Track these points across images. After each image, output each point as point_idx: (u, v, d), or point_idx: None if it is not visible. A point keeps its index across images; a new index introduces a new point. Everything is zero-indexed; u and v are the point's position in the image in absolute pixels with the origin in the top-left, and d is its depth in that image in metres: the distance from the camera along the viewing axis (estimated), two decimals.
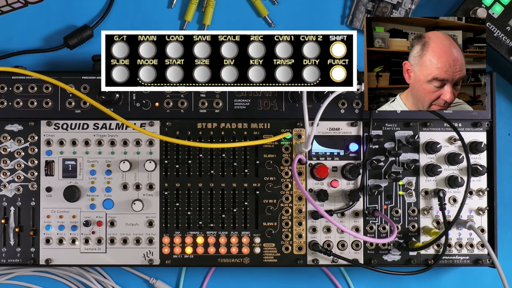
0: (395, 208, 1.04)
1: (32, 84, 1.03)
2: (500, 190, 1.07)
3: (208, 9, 1.12)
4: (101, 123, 1.04)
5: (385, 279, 1.12)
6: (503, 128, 1.14)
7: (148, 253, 1.03)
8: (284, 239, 1.04)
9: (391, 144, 1.04)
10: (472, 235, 1.04)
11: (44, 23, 1.13)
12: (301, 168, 1.04)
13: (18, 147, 1.03)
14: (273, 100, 1.04)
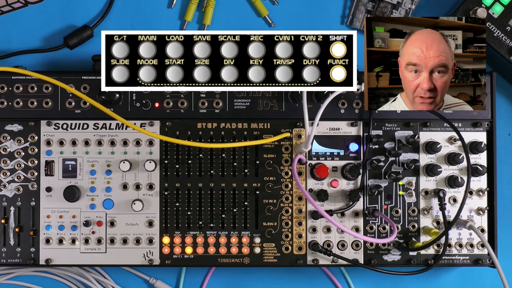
0: (395, 208, 1.04)
1: (32, 84, 1.03)
2: (500, 190, 1.07)
3: (208, 9, 1.12)
4: (101, 123, 1.04)
5: (385, 279, 1.12)
6: (503, 128, 1.14)
7: (148, 253, 1.03)
8: (284, 239, 1.04)
9: (391, 144, 1.04)
10: (472, 235, 1.05)
11: (44, 23, 1.13)
12: (301, 168, 1.04)
13: (18, 147, 1.03)
14: (273, 100, 1.04)
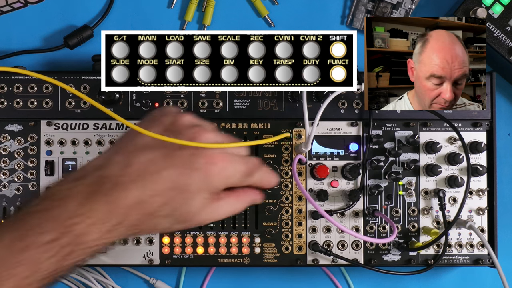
0: (395, 208, 1.04)
1: (32, 84, 1.03)
2: (500, 190, 1.07)
3: (208, 9, 1.12)
4: (101, 123, 1.04)
5: (385, 279, 1.12)
6: (503, 128, 1.14)
7: (148, 253, 1.03)
8: (284, 239, 1.04)
9: (391, 144, 1.04)
10: (472, 235, 1.04)
11: (44, 23, 1.13)
12: (301, 168, 1.04)
13: (18, 147, 1.03)
14: (273, 100, 1.04)
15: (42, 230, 0.73)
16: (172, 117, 0.85)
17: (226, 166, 0.81)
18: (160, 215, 0.79)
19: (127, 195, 0.77)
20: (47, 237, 0.73)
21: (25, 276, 0.72)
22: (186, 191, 0.79)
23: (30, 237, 0.73)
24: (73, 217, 0.74)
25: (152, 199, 0.78)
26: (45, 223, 0.74)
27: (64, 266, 0.75)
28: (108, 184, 0.77)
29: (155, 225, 0.80)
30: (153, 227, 0.81)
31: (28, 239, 0.73)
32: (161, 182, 0.78)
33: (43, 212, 0.75)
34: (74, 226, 0.74)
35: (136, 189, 0.77)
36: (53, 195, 0.77)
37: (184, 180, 0.79)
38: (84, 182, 0.77)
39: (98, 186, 0.77)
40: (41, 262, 0.73)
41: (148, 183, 0.78)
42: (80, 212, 0.75)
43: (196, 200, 0.80)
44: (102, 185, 0.77)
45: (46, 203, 0.76)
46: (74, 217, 0.74)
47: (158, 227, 0.81)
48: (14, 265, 0.72)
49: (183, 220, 0.81)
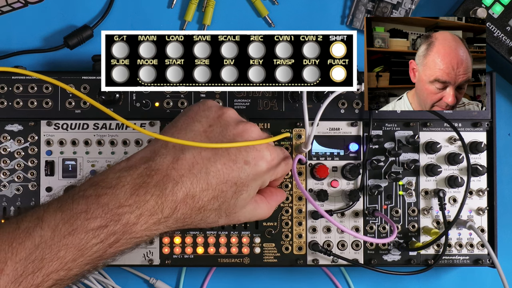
0: (395, 208, 1.04)
1: (32, 84, 1.03)
2: (500, 190, 1.07)
3: (208, 9, 1.12)
4: (101, 123, 1.04)
5: (385, 279, 1.12)
6: (503, 128, 1.14)
7: (148, 253, 1.03)
8: (284, 239, 1.04)
9: (391, 144, 1.04)
10: (472, 235, 1.05)
11: (44, 23, 1.13)
12: (301, 168, 1.04)
13: (18, 147, 1.03)
14: (273, 100, 1.04)
15: (89, 216, 0.74)
16: (215, 112, 0.86)
17: (274, 160, 0.86)
18: (209, 208, 0.80)
19: (177, 189, 0.77)
20: (95, 223, 0.73)
21: (69, 260, 0.73)
22: (237, 184, 0.81)
23: (77, 221, 0.73)
24: (122, 206, 0.75)
25: (202, 194, 0.79)
26: (94, 209, 0.74)
27: (107, 254, 0.75)
28: (157, 177, 0.78)
29: (202, 218, 0.81)
30: (200, 220, 0.82)
31: (76, 223, 0.73)
32: (211, 177, 0.79)
33: (91, 198, 0.75)
34: (123, 215, 0.75)
35: (186, 184, 0.78)
36: (101, 183, 0.77)
37: (236, 174, 0.81)
38: (131, 173, 0.78)
39: (147, 177, 0.77)
40: (87, 248, 0.73)
41: (198, 177, 0.79)
42: (129, 202, 0.75)
43: (244, 193, 0.82)
44: (151, 177, 0.77)
45: (93, 190, 0.76)
46: (123, 206, 0.75)
47: (205, 221, 0.82)
48: (60, 248, 0.72)
49: (229, 213, 0.83)
